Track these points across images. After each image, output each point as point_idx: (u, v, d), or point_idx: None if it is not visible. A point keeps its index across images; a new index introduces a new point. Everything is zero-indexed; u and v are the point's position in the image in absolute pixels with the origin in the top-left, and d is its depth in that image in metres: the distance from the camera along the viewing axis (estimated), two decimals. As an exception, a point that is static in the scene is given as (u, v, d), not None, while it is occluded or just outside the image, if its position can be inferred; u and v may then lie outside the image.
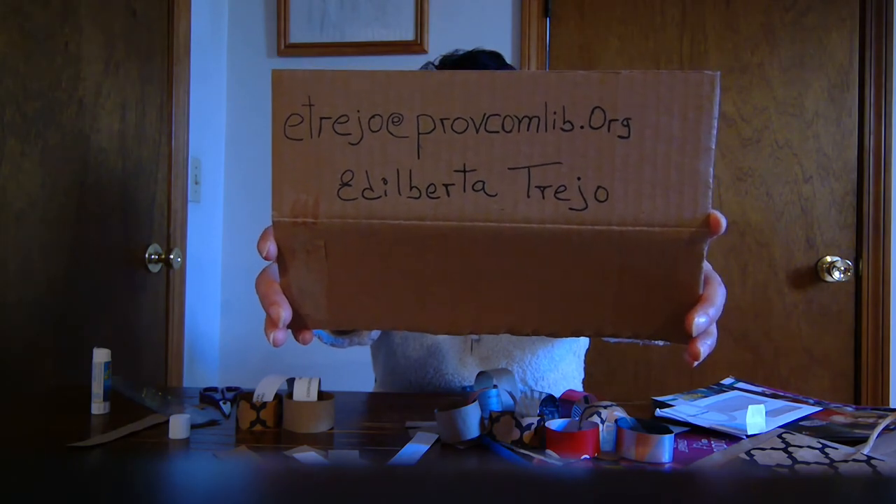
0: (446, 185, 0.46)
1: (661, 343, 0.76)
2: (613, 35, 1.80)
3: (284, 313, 0.49)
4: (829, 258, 1.73)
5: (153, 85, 1.50)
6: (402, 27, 1.81)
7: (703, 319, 0.46)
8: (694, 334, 0.46)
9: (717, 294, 0.48)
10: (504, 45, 1.79)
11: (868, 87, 1.72)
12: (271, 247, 0.47)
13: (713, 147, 0.44)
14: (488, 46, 1.12)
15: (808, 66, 1.74)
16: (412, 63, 1.76)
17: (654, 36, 1.79)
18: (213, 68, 1.83)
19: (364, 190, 0.46)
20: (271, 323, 0.49)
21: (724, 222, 0.44)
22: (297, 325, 0.52)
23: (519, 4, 1.79)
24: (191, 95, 1.64)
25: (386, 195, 0.46)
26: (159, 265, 1.51)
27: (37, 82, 1.10)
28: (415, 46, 1.80)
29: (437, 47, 1.75)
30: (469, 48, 1.09)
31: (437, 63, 1.07)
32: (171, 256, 1.53)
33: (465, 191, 0.46)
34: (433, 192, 0.46)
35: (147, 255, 1.46)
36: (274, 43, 1.87)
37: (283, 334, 0.49)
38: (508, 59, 1.65)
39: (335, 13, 1.83)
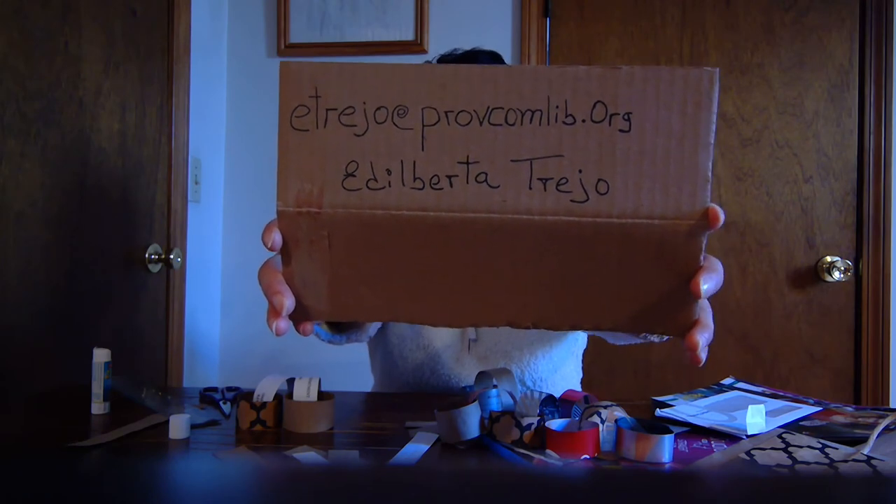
0: (449, 177, 0.46)
1: (657, 339, 0.76)
2: (613, 35, 1.80)
3: (287, 302, 0.49)
4: (829, 258, 1.73)
5: (153, 85, 1.50)
6: (402, 27, 1.81)
7: (706, 285, 0.46)
8: (703, 297, 0.46)
9: (717, 264, 0.48)
10: (504, 45, 1.79)
11: (868, 87, 1.72)
12: (276, 237, 0.47)
13: (712, 142, 0.44)
14: (488, 46, 1.12)
15: (808, 66, 1.74)
16: (412, 63, 1.76)
17: (654, 36, 1.79)
18: (213, 68, 1.83)
19: (368, 181, 0.46)
20: (274, 312, 0.49)
21: (722, 216, 0.44)
22: (299, 316, 0.52)
23: (519, 4, 1.79)
24: (191, 95, 1.64)
25: (390, 186, 0.46)
26: (159, 265, 1.51)
27: (37, 82, 1.10)
28: (415, 46, 1.80)
29: (437, 47, 1.75)
30: (468, 48, 1.09)
31: (436, 62, 1.06)
32: (171, 256, 1.53)
33: (467, 182, 0.46)
34: (436, 184, 0.46)
35: (147, 255, 1.46)
36: (274, 43, 1.87)
37: (285, 323, 0.50)
38: (508, 59, 1.65)
39: (335, 13, 1.83)
